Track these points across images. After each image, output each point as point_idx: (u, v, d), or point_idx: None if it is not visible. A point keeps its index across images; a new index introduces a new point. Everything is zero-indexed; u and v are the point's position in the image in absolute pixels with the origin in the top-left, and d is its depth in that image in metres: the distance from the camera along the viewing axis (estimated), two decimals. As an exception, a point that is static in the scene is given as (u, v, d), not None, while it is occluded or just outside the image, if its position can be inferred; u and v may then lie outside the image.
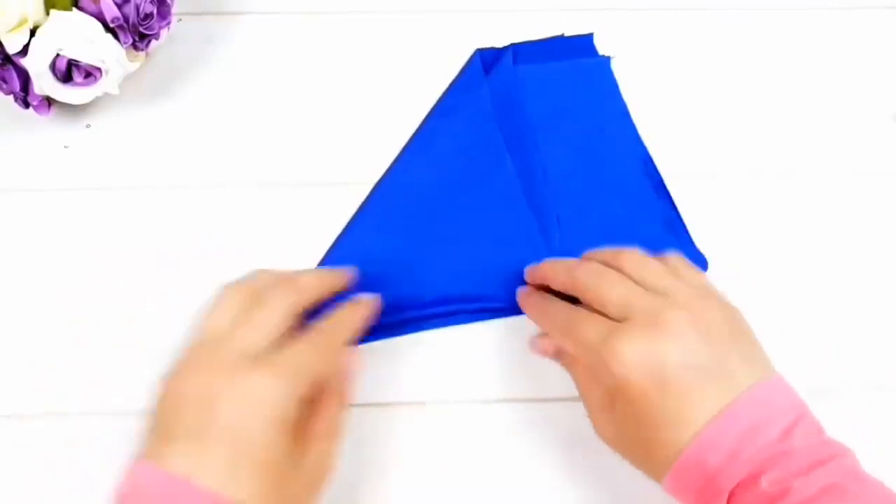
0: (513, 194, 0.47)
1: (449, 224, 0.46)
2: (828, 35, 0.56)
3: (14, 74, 0.46)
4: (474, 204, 0.47)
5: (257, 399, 0.22)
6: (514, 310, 0.43)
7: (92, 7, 0.46)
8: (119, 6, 0.46)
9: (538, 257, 0.44)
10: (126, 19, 0.47)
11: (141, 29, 0.48)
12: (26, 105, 0.48)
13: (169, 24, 0.50)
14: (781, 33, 0.56)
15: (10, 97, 0.48)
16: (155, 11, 0.48)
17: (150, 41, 0.49)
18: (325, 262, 0.45)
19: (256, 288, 0.29)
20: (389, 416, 0.42)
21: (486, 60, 0.52)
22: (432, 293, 0.44)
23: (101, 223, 0.47)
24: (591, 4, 0.56)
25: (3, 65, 0.46)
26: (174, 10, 0.50)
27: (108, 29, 0.47)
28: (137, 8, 0.47)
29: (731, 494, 0.27)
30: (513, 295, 0.42)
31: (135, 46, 0.49)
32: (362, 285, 0.43)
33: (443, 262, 0.45)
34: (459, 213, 0.46)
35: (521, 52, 0.53)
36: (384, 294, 0.42)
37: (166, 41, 0.51)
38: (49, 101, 0.49)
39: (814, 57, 0.55)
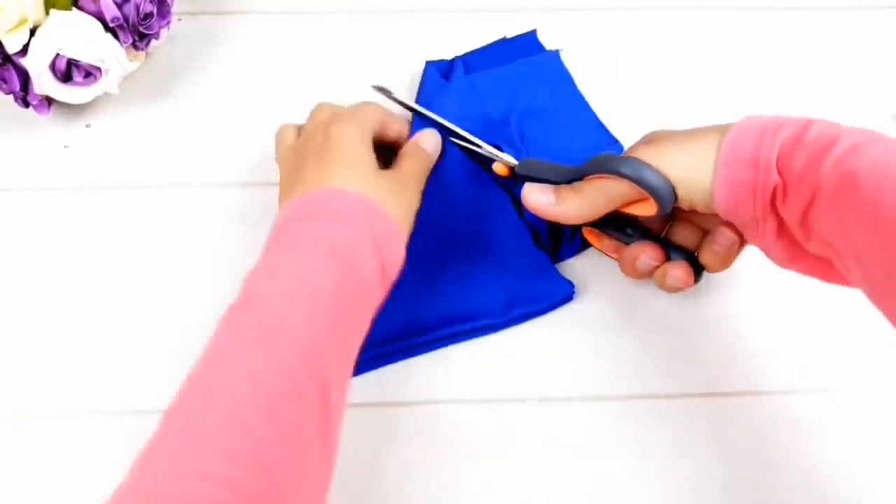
0: (501, 203, 0.46)
1: (443, 241, 0.45)
2: (828, 35, 0.56)
3: (14, 74, 0.47)
4: (464, 219, 0.46)
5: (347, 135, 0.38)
6: (508, 324, 0.44)
7: (92, 7, 0.46)
8: (119, 6, 0.46)
9: (536, 265, 0.44)
10: (126, 19, 0.47)
11: (141, 28, 0.48)
12: (26, 105, 0.48)
13: (169, 23, 0.50)
14: (781, 33, 0.56)
15: (10, 97, 0.48)
16: (155, 11, 0.48)
17: (149, 41, 0.49)
18: None
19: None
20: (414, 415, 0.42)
21: (439, 72, 0.51)
22: (433, 315, 0.43)
23: (100, 223, 0.47)
24: (583, 4, 0.56)
25: (3, 64, 0.46)
26: (174, 9, 0.50)
27: (107, 28, 0.47)
28: (137, 7, 0.47)
29: (780, 160, 0.32)
30: (509, 309, 0.43)
31: (135, 46, 0.49)
32: None
33: (439, 281, 0.44)
34: (450, 231, 0.45)
35: (470, 61, 0.52)
36: (393, 317, 0.41)
37: (166, 41, 0.52)
38: (49, 101, 0.49)
39: (814, 57, 0.55)
